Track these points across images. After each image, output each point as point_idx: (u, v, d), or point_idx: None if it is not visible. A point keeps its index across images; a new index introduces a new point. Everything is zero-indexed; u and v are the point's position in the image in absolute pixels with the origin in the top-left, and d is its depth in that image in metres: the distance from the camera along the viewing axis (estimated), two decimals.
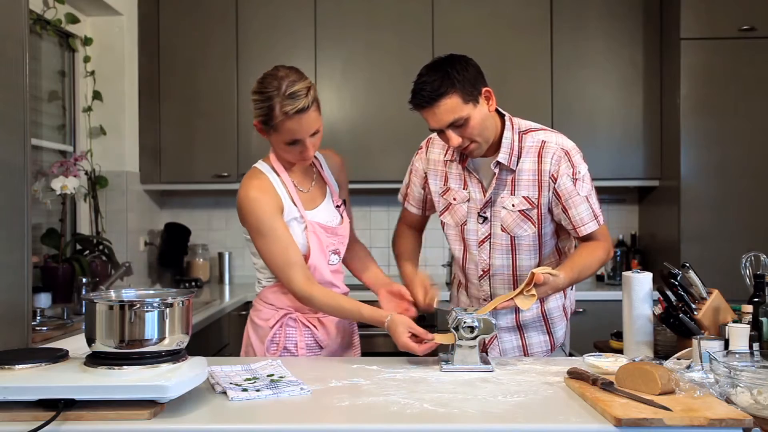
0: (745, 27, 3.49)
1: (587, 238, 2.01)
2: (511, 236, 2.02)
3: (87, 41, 3.67)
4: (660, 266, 2.03)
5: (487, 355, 2.10)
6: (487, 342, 2.10)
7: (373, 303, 1.96)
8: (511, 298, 1.80)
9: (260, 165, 1.96)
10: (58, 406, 1.30)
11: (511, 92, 3.85)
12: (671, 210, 3.64)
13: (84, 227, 3.65)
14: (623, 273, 1.94)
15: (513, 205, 2.00)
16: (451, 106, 1.84)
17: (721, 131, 3.54)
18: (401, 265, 2.17)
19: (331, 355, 2.03)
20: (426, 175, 2.13)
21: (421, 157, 2.15)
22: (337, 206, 2.03)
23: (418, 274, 2.07)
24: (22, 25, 1.75)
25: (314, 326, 2.00)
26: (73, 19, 3.47)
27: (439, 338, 1.79)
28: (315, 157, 2.04)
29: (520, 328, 2.11)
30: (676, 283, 1.88)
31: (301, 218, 1.92)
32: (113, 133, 3.72)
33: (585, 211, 1.97)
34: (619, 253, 3.96)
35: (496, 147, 1.99)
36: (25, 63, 1.75)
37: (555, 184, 1.96)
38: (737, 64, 3.52)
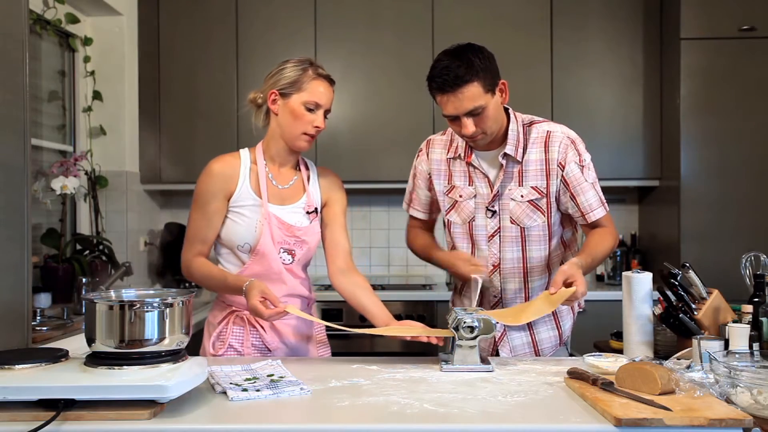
0: (745, 27, 3.49)
1: (594, 226, 2.04)
2: (521, 228, 2.04)
3: (87, 41, 3.67)
4: (660, 266, 2.03)
5: (498, 353, 2.10)
6: (497, 339, 2.11)
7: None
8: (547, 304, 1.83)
9: (242, 150, 2.05)
10: (58, 406, 1.30)
11: (511, 92, 3.80)
12: (671, 210, 3.64)
13: (84, 227, 3.66)
14: (623, 273, 1.94)
15: (522, 196, 2.01)
16: (473, 94, 1.86)
17: (721, 131, 3.54)
18: (432, 255, 2.14)
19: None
20: (430, 176, 2.13)
21: (422, 159, 2.16)
22: (308, 212, 2.03)
23: (455, 251, 2.08)
24: (22, 25, 1.75)
25: (262, 328, 2.00)
26: (73, 19, 3.48)
27: (291, 309, 1.81)
28: (307, 167, 2.10)
29: (529, 325, 2.12)
30: (676, 283, 1.88)
31: (260, 206, 1.96)
32: (113, 133, 3.72)
33: (593, 197, 2.02)
34: (619, 253, 3.96)
35: (499, 140, 2.01)
36: (25, 63, 1.75)
37: (563, 171, 2.00)
38: (737, 64, 3.52)
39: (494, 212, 2.04)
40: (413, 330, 1.84)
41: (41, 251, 3.26)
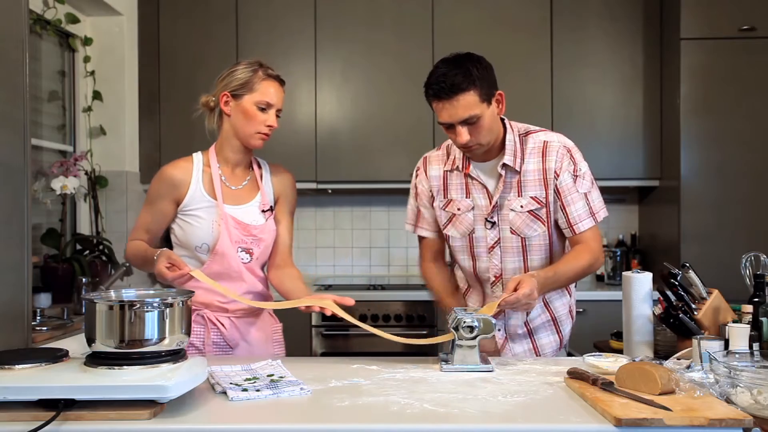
0: (745, 27, 3.49)
1: (580, 240, 2.00)
2: (521, 238, 2.02)
3: (87, 41, 3.67)
4: (660, 266, 2.02)
5: None
6: (499, 347, 2.10)
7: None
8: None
9: (196, 153, 2.11)
10: (58, 406, 1.30)
11: (511, 92, 3.80)
12: (671, 210, 3.64)
13: (84, 227, 3.66)
14: (623, 273, 1.94)
15: (521, 207, 2.00)
16: (468, 102, 1.85)
17: (721, 131, 3.54)
18: (444, 302, 2.12)
19: (246, 354, 2.06)
20: (432, 194, 2.11)
21: (422, 178, 2.13)
22: (263, 210, 2.07)
23: None
24: (22, 25, 1.75)
25: (222, 324, 2.04)
26: (73, 19, 3.48)
27: (196, 273, 1.88)
28: (260, 166, 2.13)
29: (530, 332, 2.12)
30: (676, 283, 1.88)
31: (215, 207, 2.01)
32: (113, 133, 3.72)
33: (582, 208, 1.99)
34: (619, 253, 3.96)
35: (496, 151, 2.00)
36: (25, 63, 1.75)
37: (557, 180, 1.98)
38: (737, 64, 3.52)
39: (494, 223, 2.03)
40: (313, 300, 1.86)
41: (41, 251, 3.26)
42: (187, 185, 2.02)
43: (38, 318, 2.71)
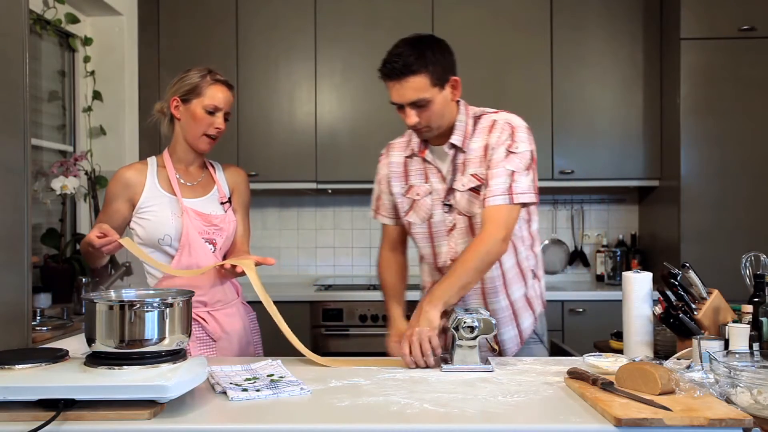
0: (745, 27, 3.49)
1: (486, 217, 1.90)
2: (468, 217, 2.00)
3: (87, 41, 3.67)
4: (660, 266, 2.02)
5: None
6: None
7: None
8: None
9: (150, 158, 2.18)
10: (58, 406, 1.30)
11: (511, 92, 3.86)
12: (671, 210, 3.64)
13: (84, 227, 3.66)
14: (623, 273, 1.94)
15: (463, 185, 1.98)
16: (417, 85, 1.85)
17: (721, 131, 3.54)
18: (389, 310, 2.14)
19: (228, 348, 2.11)
20: (389, 180, 2.12)
21: (384, 164, 2.15)
22: (222, 203, 2.15)
23: (398, 326, 2.08)
24: (22, 25, 1.75)
25: (203, 319, 2.09)
26: (73, 19, 3.48)
27: (125, 242, 1.93)
28: (212, 165, 2.23)
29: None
30: (676, 283, 1.88)
31: (174, 201, 2.08)
32: (113, 133, 3.72)
33: (502, 183, 1.89)
34: (619, 253, 3.96)
35: (450, 134, 1.99)
36: (25, 63, 1.75)
37: (491, 152, 1.94)
38: (737, 64, 3.52)
39: (450, 206, 2.01)
40: (231, 260, 1.97)
41: (41, 251, 3.26)
42: (142, 185, 2.09)
43: (38, 318, 2.71)
